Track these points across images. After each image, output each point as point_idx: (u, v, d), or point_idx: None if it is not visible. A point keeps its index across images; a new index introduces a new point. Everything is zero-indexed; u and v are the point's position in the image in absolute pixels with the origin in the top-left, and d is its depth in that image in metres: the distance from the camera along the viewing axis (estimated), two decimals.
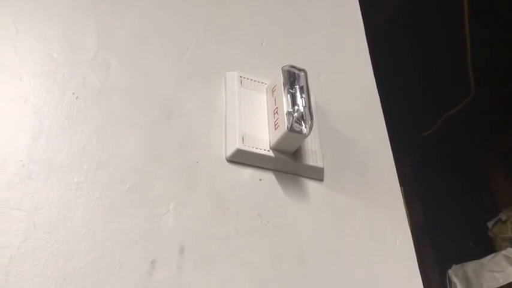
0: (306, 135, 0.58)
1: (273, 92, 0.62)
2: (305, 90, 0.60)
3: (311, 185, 0.62)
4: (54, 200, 0.47)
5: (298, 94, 0.60)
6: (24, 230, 0.45)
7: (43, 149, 0.49)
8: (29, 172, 0.48)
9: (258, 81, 0.65)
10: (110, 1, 0.63)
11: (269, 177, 0.60)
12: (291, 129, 0.57)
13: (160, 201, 0.52)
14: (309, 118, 0.58)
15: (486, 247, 2.00)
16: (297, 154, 0.61)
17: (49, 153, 0.49)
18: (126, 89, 0.57)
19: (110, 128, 0.54)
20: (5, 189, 0.46)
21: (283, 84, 0.60)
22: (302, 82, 0.61)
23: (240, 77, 0.64)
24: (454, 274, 1.78)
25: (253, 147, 0.59)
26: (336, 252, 0.59)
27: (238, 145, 0.58)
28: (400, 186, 0.63)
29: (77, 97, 0.54)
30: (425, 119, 2.13)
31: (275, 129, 0.60)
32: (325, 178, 0.63)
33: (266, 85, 0.65)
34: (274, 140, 0.59)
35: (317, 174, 0.63)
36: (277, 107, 0.60)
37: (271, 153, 0.60)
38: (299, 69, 0.62)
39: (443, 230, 2.03)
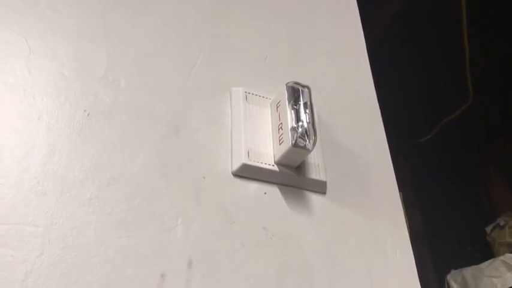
0: (309, 151, 0.60)
1: (277, 108, 0.64)
2: (309, 106, 0.62)
3: (314, 198, 0.64)
4: (68, 216, 0.49)
5: (302, 110, 0.61)
6: (39, 245, 0.47)
7: (57, 166, 0.51)
8: (43, 189, 0.49)
9: (263, 97, 0.67)
10: (119, 21, 0.64)
11: (274, 190, 0.62)
12: (295, 144, 0.59)
13: (169, 215, 0.54)
14: (313, 134, 0.60)
15: (485, 252, 2.02)
16: (300, 168, 0.63)
17: (62, 170, 0.51)
18: (135, 105, 0.59)
19: (120, 144, 0.56)
20: (21, 206, 0.48)
21: (288, 100, 0.62)
22: (306, 98, 0.62)
23: (245, 92, 0.66)
24: (453, 279, 1.80)
25: (258, 161, 0.61)
26: (339, 264, 0.61)
27: (244, 160, 0.60)
28: (399, 192, 0.65)
29: (88, 114, 0.56)
30: (423, 124, 2.15)
31: (279, 144, 0.62)
32: (328, 191, 0.65)
33: (270, 100, 0.67)
34: (278, 155, 0.61)
35: (320, 187, 0.65)
36: (281, 123, 0.62)
37: (275, 168, 0.61)
38: (303, 86, 0.63)
39: (442, 235, 2.05)
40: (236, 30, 0.73)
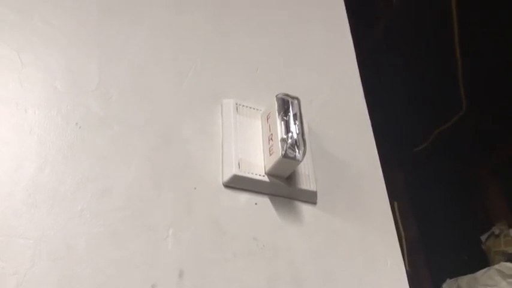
0: (299, 161, 0.60)
1: (267, 119, 0.65)
2: (298, 117, 0.63)
3: (305, 208, 0.64)
4: (59, 228, 0.49)
5: (291, 121, 0.62)
6: (30, 257, 0.47)
7: (48, 178, 0.52)
8: (35, 201, 0.50)
9: (254, 108, 0.68)
10: (112, 34, 0.65)
11: (264, 201, 0.62)
12: (285, 155, 0.60)
13: (161, 226, 0.54)
14: (302, 144, 0.61)
15: (481, 261, 2.02)
16: (291, 178, 0.64)
17: (54, 182, 0.52)
18: (127, 117, 0.60)
19: (112, 156, 0.56)
20: (12, 218, 0.48)
21: (278, 112, 0.63)
22: (295, 109, 0.63)
23: (236, 104, 0.67)
24: None
25: (249, 172, 0.62)
26: (330, 274, 0.61)
27: (235, 171, 0.61)
28: (394, 201, 0.66)
29: (80, 127, 0.56)
30: (418, 134, 2.16)
31: (270, 155, 0.62)
32: (318, 201, 0.66)
33: (261, 112, 0.67)
34: (269, 166, 0.62)
35: (310, 197, 0.65)
36: (271, 134, 0.63)
37: (266, 178, 0.62)
38: (292, 97, 0.64)
39: (437, 244, 2.05)
40: (227, 43, 0.74)
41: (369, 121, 0.77)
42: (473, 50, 1.82)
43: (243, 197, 0.61)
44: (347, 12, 0.89)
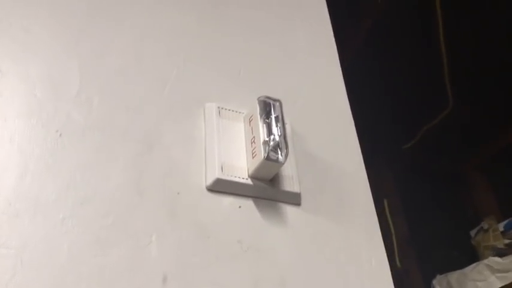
0: (282, 164, 0.61)
1: (250, 122, 0.65)
2: (280, 120, 0.63)
3: (289, 210, 0.65)
4: (41, 237, 0.49)
5: (273, 123, 0.62)
6: (11, 267, 0.47)
7: (29, 187, 0.52)
8: (15, 210, 0.50)
9: (236, 111, 0.68)
10: (92, 38, 0.65)
11: (248, 204, 0.62)
12: (267, 158, 0.60)
13: (143, 232, 0.54)
14: (284, 146, 0.61)
15: (471, 256, 2.04)
16: (274, 180, 0.64)
17: (35, 191, 0.52)
18: (108, 124, 0.60)
19: (93, 163, 0.56)
20: None
21: (260, 115, 0.63)
22: (277, 112, 0.64)
23: (218, 107, 0.67)
24: (439, 284, 1.81)
25: (232, 175, 0.62)
26: (314, 274, 0.61)
27: (218, 174, 0.61)
28: (384, 199, 0.66)
29: (60, 134, 0.56)
30: (405, 132, 2.18)
31: (252, 157, 0.62)
32: (302, 202, 0.66)
33: (244, 115, 0.68)
34: (252, 168, 0.62)
35: (294, 199, 0.65)
36: (254, 136, 0.63)
37: (249, 181, 0.62)
38: (274, 100, 0.65)
39: (427, 240, 2.06)
40: (209, 46, 0.74)
41: (353, 121, 0.77)
42: (458, 47, 1.84)
43: (227, 201, 0.61)
44: (331, 12, 0.90)
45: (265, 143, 0.61)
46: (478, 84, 1.96)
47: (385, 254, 0.67)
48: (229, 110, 0.68)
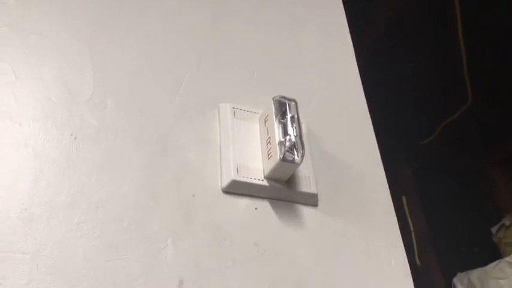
0: (298, 164, 0.60)
1: (265, 122, 0.64)
2: (296, 120, 0.62)
3: (306, 211, 0.64)
4: (56, 241, 0.49)
5: (289, 124, 0.61)
6: (27, 272, 0.47)
7: (44, 191, 0.51)
8: (31, 215, 0.49)
9: (251, 112, 0.67)
10: (105, 43, 0.65)
11: (264, 205, 0.62)
12: (283, 159, 0.59)
13: (159, 236, 0.54)
14: (301, 147, 0.60)
15: (492, 253, 2.00)
16: (290, 181, 0.63)
17: (50, 195, 0.51)
18: (122, 127, 0.59)
19: (108, 166, 0.56)
20: (8, 233, 0.48)
21: (275, 115, 0.62)
22: (293, 112, 0.62)
23: (233, 108, 0.66)
24: (459, 282, 1.78)
25: (247, 177, 0.61)
26: (333, 277, 0.60)
27: (233, 176, 0.60)
28: (402, 196, 0.65)
29: (75, 138, 0.56)
30: (424, 128, 2.15)
31: (268, 158, 0.62)
32: (319, 203, 0.65)
33: (259, 115, 0.67)
34: (267, 170, 0.61)
35: (311, 200, 0.64)
36: (269, 137, 0.62)
37: (265, 183, 0.61)
38: (289, 99, 0.63)
39: (447, 237, 2.03)
40: (223, 47, 0.73)
41: (370, 120, 0.76)
42: (477, 42, 1.81)
43: (243, 202, 0.61)
44: (347, 9, 0.88)
45: (281, 143, 0.60)
46: (497, 79, 1.93)
47: (405, 255, 0.65)
48: (244, 110, 0.67)
